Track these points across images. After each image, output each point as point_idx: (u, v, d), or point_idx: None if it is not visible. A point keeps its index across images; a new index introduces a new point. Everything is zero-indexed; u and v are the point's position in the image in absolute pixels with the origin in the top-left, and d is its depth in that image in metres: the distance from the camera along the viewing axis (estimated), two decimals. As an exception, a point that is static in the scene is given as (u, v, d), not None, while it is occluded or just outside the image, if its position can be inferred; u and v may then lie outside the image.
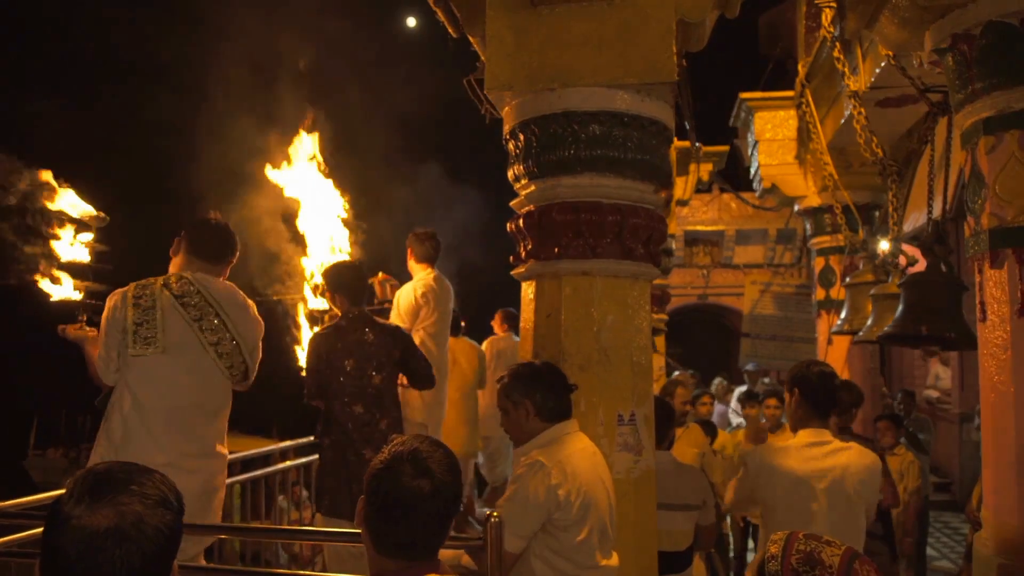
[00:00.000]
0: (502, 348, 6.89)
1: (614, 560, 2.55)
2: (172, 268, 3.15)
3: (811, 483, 2.89)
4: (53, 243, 3.27)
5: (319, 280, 4.44)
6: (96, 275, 3.35)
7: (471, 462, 6.44)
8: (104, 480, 1.16)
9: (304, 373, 3.85)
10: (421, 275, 4.93)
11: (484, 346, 6.94)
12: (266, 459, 5.03)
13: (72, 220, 3.29)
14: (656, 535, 2.90)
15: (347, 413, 3.71)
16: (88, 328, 3.17)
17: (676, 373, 8.32)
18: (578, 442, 2.56)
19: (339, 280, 3.90)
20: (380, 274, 5.03)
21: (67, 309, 3.23)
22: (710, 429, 5.93)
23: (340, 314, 3.90)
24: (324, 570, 4.10)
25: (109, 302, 2.96)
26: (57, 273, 3.28)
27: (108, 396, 2.98)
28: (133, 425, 2.85)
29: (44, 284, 3.27)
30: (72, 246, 3.32)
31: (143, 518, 1.13)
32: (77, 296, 3.27)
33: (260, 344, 3.17)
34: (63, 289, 3.27)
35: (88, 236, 3.34)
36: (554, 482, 2.39)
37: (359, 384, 3.75)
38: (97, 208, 3.36)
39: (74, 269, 3.32)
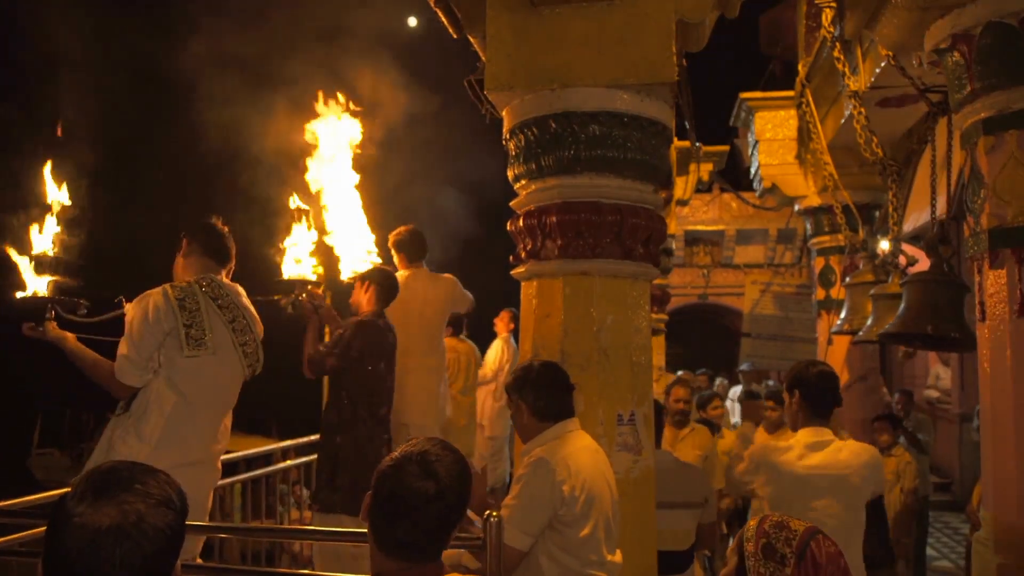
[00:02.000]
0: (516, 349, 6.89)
1: (618, 557, 2.56)
2: (179, 269, 3.13)
3: (813, 482, 2.90)
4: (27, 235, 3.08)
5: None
6: (65, 269, 3.08)
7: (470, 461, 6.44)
8: (108, 479, 1.17)
9: (336, 349, 3.72)
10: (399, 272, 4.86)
11: (495, 347, 6.95)
12: (267, 458, 5.04)
13: (43, 208, 3.13)
14: (656, 535, 2.90)
15: (374, 415, 3.78)
16: (53, 326, 2.94)
17: (680, 373, 8.32)
18: (580, 440, 2.57)
19: (374, 275, 4.03)
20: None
21: (33, 306, 2.95)
22: (714, 430, 5.93)
23: (371, 311, 3.95)
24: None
25: (146, 302, 2.89)
26: (20, 266, 3.04)
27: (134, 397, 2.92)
28: (176, 424, 2.86)
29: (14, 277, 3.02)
30: (40, 235, 3.07)
31: (144, 517, 1.14)
32: (43, 291, 3.01)
33: None
34: (30, 283, 3.03)
35: (55, 228, 3.08)
36: (558, 479, 2.41)
37: (385, 386, 3.85)
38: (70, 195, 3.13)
39: (42, 262, 3.04)
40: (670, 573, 3.26)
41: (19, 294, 3.03)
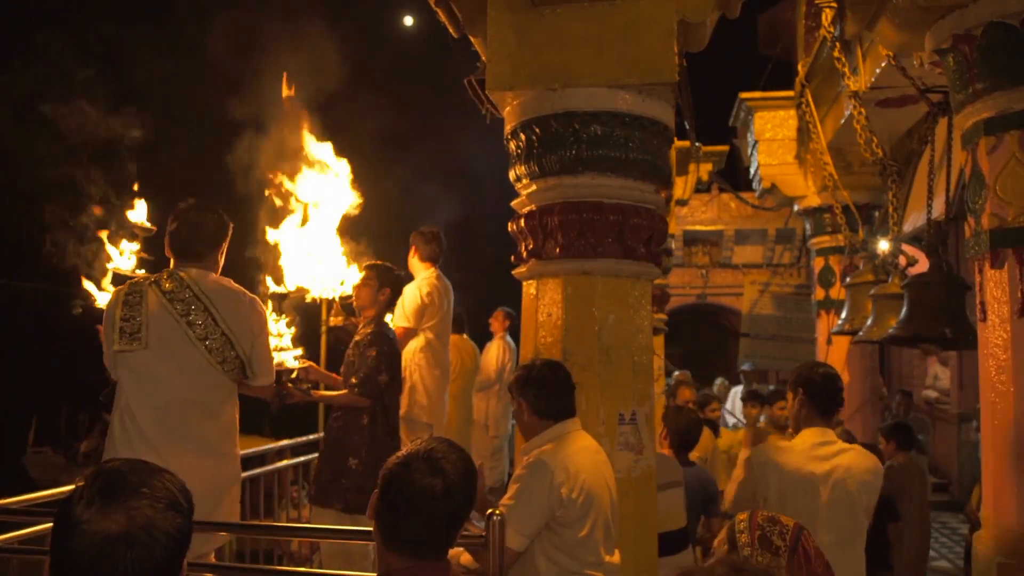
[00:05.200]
0: (515, 349, 6.92)
1: (616, 557, 2.56)
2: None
3: (815, 482, 2.89)
4: (108, 249, 3.32)
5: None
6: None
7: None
8: (114, 482, 1.15)
9: (377, 365, 3.80)
10: (424, 274, 4.91)
11: (494, 347, 6.95)
12: (262, 458, 5.02)
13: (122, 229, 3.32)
14: (656, 534, 2.90)
15: (397, 416, 3.90)
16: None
17: (676, 373, 8.32)
18: (580, 440, 2.57)
19: (393, 280, 4.04)
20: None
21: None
22: (715, 431, 5.93)
23: (373, 313, 3.98)
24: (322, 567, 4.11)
25: (109, 301, 2.94)
26: (105, 283, 3.33)
27: (113, 391, 2.95)
28: (127, 423, 2.81)
29: (90, 288, 3.32)
30: (121, 255, 3.36)
31: (154, 522, 1.13)
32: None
33: (266, 339, 3.09)
34: (105, 297, 3.25)
35: (135, 246, 3.40)
36: (557, 480, 2.41)
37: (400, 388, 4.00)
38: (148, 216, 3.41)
39: (117, 278, 3.30)
40: (666, 554, 3.27)
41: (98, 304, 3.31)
